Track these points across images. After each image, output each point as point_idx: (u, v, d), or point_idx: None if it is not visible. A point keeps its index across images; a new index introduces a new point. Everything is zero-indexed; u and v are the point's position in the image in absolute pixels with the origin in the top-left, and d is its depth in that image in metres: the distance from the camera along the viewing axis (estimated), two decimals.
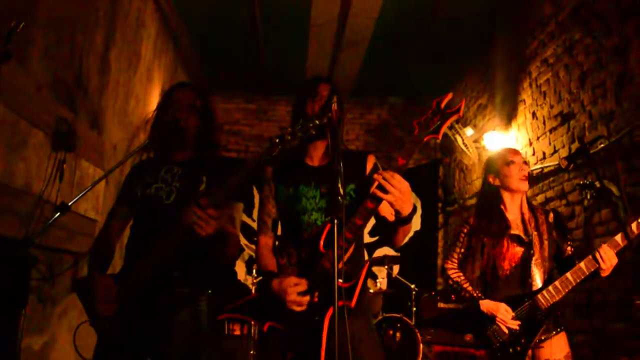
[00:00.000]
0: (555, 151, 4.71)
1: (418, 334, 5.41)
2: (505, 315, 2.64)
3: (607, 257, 2.59)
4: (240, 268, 7.06)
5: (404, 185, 1.83)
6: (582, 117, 4.31)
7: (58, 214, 2.30)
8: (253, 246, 5.50)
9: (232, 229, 2.28)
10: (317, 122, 1.96)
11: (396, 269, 7.17)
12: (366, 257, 6.65)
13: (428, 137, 1.91)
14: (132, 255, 2.33)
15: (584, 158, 2.44)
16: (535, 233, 2.77)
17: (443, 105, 1.91)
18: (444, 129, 1.91)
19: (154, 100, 5.49)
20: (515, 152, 3.00)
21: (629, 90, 3.75)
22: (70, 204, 2.34)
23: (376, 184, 1.85)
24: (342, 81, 7.48)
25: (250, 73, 7.28)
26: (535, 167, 5.08)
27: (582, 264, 2.63)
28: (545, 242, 2.76)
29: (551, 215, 2.88)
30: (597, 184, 4.04)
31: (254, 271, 5.60)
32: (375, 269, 7.16)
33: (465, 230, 2.92)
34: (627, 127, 3.73)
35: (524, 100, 5.37)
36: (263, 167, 2.30)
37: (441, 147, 7.77)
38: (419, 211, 7.65)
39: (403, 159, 1.88)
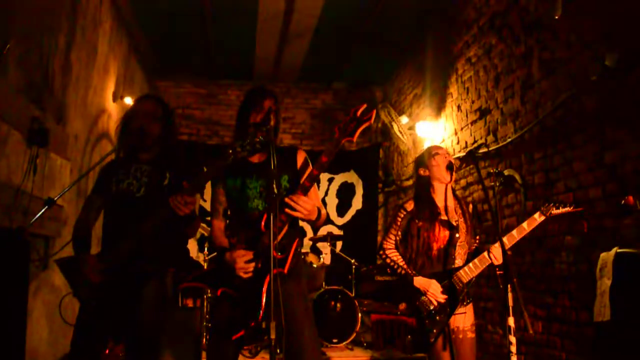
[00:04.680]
0: (475, 141, 5.47)
1: (357, 305, 6.12)
2: (435, 290, 3.21)
3: (496, 255, 3.15)
4: (192, 246, 7.65)
5: (308, 204, 2.54)
6: (496, 114, 5.07)
7: (46, 207, 2.86)
8: (204, 225, 6.10)
9: (196, 213, 2.99)
10: (262, 138, 2.58)
11: (339, 245, 7.92)
12: (310, 235, 7.25)
13: (345, 140, 2.52)
14: (110, 238, 2.92)
15: (471, 157, 3.15)
16: (461, 219, 3.38)
17: (359, 113, 2.52)
18: (359, 132, 2.51)
19: (109, 89, 5.96)
20: (439, 146, 3.59)
21: (531, 94, 4.51)
22: (55, 198, 2.90)
23: (304, 177, 2.59)
24: (289, 68, 8.08)
25: (201, 59, 7.76)
26: (459, 154, 5.85)
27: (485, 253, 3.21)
28: (469, 228, 3.38)
29: (470, 206, 3.51)
30: (505, 173, 4.84)
31: (206, 249, 6.21)
32: (319, 245, 7.87)
33: (402, 215, 3.42)
34: (528, 125, 4.50)
35: (451, 93, 6.11)
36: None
37: (382, 131, 8.48)
38: (361, 191, 8.42)
39: (325, 157, 2.52)
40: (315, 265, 6.51)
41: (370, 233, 8.29)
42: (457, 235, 3.32)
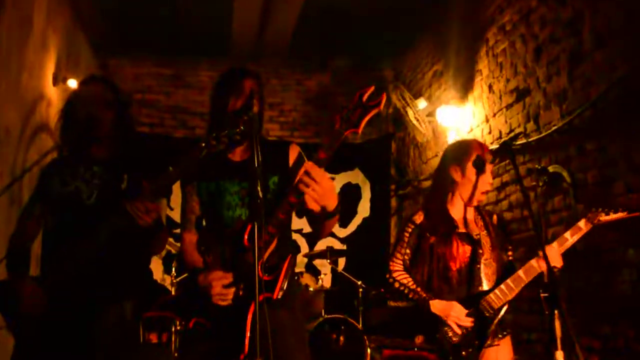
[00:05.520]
0: (512, 130, 5.43)
1: (365, 338, 6.06)
2: (459, 314, 3.18)
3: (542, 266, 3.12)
4: (156, 266, 7.59)
5: (326, 179, 2.39)
6: (537, 95, 5.03)
7: None
8: (172, 239, 6.05)
9: (162, 224, 2.98)
10: (242, 128, 2.53)
11: (342, 262, 7.87)
12: (305, 250, 7.19)
13: (349, 131, 2.47)
14: (53, 257, 2.88)
15: (507, 150, 3.13)
16: (483, 232, 3.37)
17: (365, 98, 2.47)
18: (365, 122, 2.47)
19: (49, 71, 5.91)
20: (490, 154, 3.47)
21: (581, 69, 4.46)
22: None
23: (299, 177, 2.42)
24: (276, 41, 8.02)
25: (165, 31, 7.70)
26: (492, 146, 5.80)
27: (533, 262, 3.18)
28: (494, 242, 3.36)
29: (494, 217, 3.51)
30: (550, 169, 4.81)
31: (174, 269, 6.16)
32: (317, 262, 7.82)
33: (410, 230, 3.40)
34: (577, 109, 4.45)
35: (481, 70, 6.08)
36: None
37: (394, 119, 8.44)
38: (368, 194, 8.38)
39: (324, 153, 2.44)
40: (312, 289, 6.47)
41: (381, 247, 8.22)
42: (480, 251, 3.30)
